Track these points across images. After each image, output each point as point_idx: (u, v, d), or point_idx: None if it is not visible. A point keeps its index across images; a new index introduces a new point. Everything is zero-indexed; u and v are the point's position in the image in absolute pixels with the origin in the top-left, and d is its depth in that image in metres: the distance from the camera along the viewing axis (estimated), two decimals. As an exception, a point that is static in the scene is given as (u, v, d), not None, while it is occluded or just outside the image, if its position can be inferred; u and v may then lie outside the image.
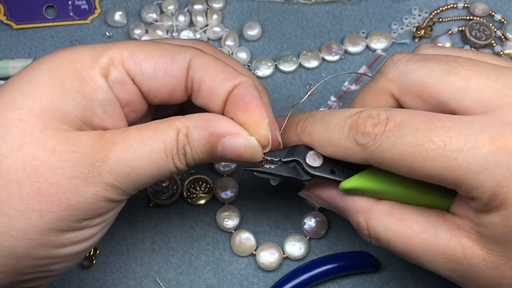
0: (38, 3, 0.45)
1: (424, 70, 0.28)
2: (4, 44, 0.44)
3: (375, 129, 0.27)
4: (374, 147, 0.27)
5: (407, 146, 0.26)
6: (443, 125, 0.25)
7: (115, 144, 0.27)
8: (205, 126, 0.28)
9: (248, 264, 0.39)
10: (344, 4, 0.46)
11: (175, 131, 0.27)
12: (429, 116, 0.26)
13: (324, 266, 0.37)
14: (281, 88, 0.43)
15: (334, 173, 0.30)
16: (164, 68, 0.28)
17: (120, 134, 0.27)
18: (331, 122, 0.29)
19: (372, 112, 0.27)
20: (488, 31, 0.44)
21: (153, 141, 0.27)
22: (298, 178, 0.30)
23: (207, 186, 0.40)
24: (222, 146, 0.28)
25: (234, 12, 0.45)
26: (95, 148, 0.26)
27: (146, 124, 0.28)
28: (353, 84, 0.43)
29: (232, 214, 0.39)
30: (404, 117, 0.26)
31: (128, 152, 0.27)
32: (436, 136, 0.25)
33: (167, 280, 0.38)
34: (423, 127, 0.26)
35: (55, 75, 0.27)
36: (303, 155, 0.30)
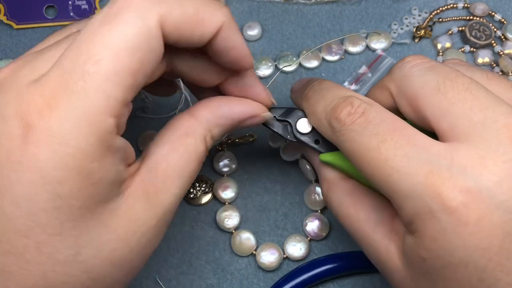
0: (38, 3, 0.45)
1: (421, 80, 0.28)
2: (4, 44, 0.44)
3: (347, 118, 0.28)
4: (339, 133, 0.28)
5: (360, 145, 0.27)
6: (397, 141, 0.26)
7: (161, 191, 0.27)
8: (226, 122, 0.30)
9: (248, 264, 0.39)
10: (344, 4, 0.46)
11: (203, 141, 0.29)
12: (395, 127, 0.27)
13: (324, 266, 0.37)
14: (281, 88, 0.43)
15: (318, 144, 0.33)
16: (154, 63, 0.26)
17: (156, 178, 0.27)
18: (324, 96, 0.31)
19: (354, 101, 0.28)
20: (488, 31, 0.44)
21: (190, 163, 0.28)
22: (284, 136, 0.33)
23: (207, 186, 0.40)
24: (240, 125, 0.31)
25: (234, 12, 0.45)
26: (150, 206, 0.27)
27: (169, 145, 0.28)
28: (353, 84, 0.43)
29: (232, 214, 0.39)
30: (375, 117, 0.27)
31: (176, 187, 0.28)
32: (385, 148, 0.26)
33: (167, 280, 0.38)
34: (381, 135, 0.27)
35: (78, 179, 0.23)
36: (296, 119, 0.33)
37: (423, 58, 0.29)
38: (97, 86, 0.23)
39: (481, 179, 0.24)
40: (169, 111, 0.41)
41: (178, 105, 0.42)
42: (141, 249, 0.27)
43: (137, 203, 0.26)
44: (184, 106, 0.42)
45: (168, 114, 0.41)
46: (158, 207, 0.27)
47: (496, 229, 0.24)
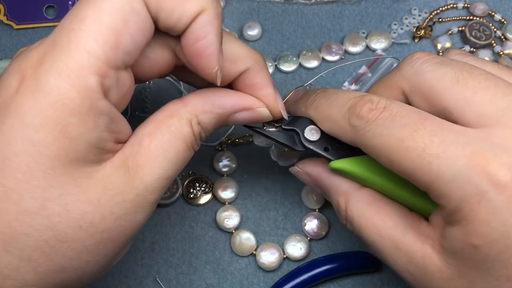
0: (38, 3, 0.45)
1: (436, 73, 0.28)
2: (4, 44, 0.44)
3: (369, 114, 0.27)
4: (363, 131, 0.27)
5: (392, 138, 0.26)
6: (431, 128, 0.26)
7: (142, 166, 0.27)
8: (213, 109, 0.29)
9: (248, 264, 0.39)
10: (344, 4, 0.46)
11: (189, 124, 0.28)
12: (423, 117, 0.26)
13: (324, 266, 0.37)
14: (281, 88, 0.43)
15: (328, 151, 0.31)
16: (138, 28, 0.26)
17: (139, 151, 0.27)
18: (336, 99, 0.30)
19: (373, 97, 0.28)
20: (488, 31, 0.44)
21: (174, 143, 0.28)
22: (293, 147, 0.32)
23: (207, 186, 0.40)
24: (233, 119, 0.30)
25: (234, 12, 0.45)
26: (128, 179, 0.27)
27: (154, 125, 0.28)
28: (353, 84, 0.43)
29: (232, 214, 0.39)
30: (400, 110, 0.27)
31: (159, 167, 0.27)
32: (420, 136, 0.25)
33: (167, 280, 0.38)
34: (412, 125, 0.26)
35: (54, 129, 0.24)
36: (303, 127, 0.31)
37: (431, 54, 0.29)
38: (79, 42, 0.24)
39: None
40: (169, 111, 0.41)
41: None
42: (115, 221, 0.26)
43: (115, 172, 0.26)
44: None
45: (168, 114, 0.41)
46: (137, 182, 0.27)
47: None
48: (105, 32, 0.25)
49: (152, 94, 0.42)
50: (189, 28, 0.26)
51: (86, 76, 0.24)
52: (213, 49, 0.27)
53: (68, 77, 0.24)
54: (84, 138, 0.25)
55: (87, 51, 0.24)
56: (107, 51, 0.25)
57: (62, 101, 0.24)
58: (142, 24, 0.26)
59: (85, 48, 0.24)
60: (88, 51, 0.24)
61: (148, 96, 0.42)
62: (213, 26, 0.26)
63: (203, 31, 0.26)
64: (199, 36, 0.26)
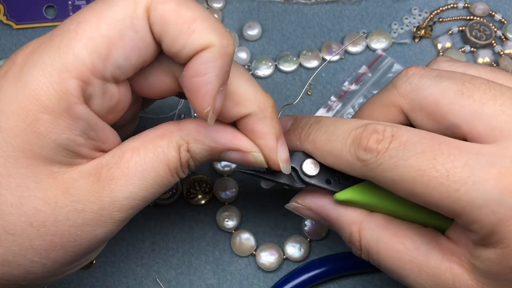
0: (38, 3, 0.45)
1: (438, 88, 0.27)
2: (4, 44, 0.44)
3: (379, 146, 0.25)
4: (375, 164, 0.26)
5: (410, 169, 0.25)
6: (449, 153, 0.24)
7: (115, 180, 0.26)
8: (205, 141, 0.27)
9: (248, 264, 0.39)
10: (344, 4, 0.46)
11: (177, 149, 0.27)
12: (437, 140, 0.25)
13: (324, 266, 0.37)
14: (281, 88, 0.43)
15: (330, 183, 0.29)
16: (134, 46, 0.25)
17: (117, 164, 0.26)
18: (335, 132, 0.28)
19: (378, 126, 0.26)
20: (488, 31, 0.44)
21: (157, 165, 0.26)
22: (292, 185, 0.30)
23: (207, 186, 0.40)
24: (226, 156, 0.28)
25: (234, 12, 0.45)
26: (96, 190, 0.26)
27: (141, 141, 0.27)
28: (353, 84, 0.43)
29: (232, 214, 0.39)
30: (410, 136, 0.25)
31: (134, 185, 0.26)
32: (441, 163, 0.24)
33: (167, 280, 0.38)
34: (429, 152, 0.24)
35: (24, 121, 0.24)
36: (300, 162, 0.29)
37: (425, 68, 0.28)
38: (70, 44, 0.24)
39: None
40: (169, 111, 0.41)
41: (178, 105, 0.42)
42: (70, 228, 0.25)
43: (83, 179, 0.26)
44: (183, 106, 0.42)
45: (168, 114, 0.41)
46: (105, 195, 0.26)
47: None
48: (98, 40, 0.24)
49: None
50: (191, 61, 0.25)
51: (67, 78, 0.24)
52: (208, 89, 0.25)
53: (49, 75, 0.24)
54: (53, 137, 0.24)
55: (74, 54, 0.24)
56: (95, 60, 0.24)
57: (38, 96, 0.24)
58: (139, 42, 0.25)
59: (73, 51, 0.24)
60: (75, 54, 0.24)
61: (148, 96, 0.42)
62: (215, 65, 0.24)
63: (203, 68, 0.24)
64: (198, 72, 0.25)
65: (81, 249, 0.26)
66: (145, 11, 0.24)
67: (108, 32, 0.24)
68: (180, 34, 0.24)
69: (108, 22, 0.24)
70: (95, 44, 0.24)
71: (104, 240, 0.27)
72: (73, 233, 0.26)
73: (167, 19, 0.24)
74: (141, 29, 0.25)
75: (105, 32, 0.24)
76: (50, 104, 0.24)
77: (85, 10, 0.25)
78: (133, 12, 0.24)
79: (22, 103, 0.24)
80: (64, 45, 0.24)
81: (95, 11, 0.25)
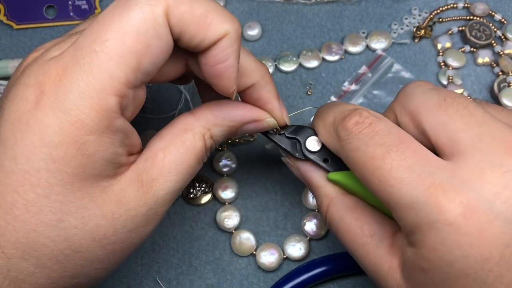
0: (38, 3, 0.45)
1: (423, 96, 0.28)
2: (4, 44, 0.44)
3: (354, 127, 0.28)
4: (345, 142, 0.28)
5: (365, 155, 0.27)
6: (402, 153, 0.26)
7: (155, 181, 0.28)
8: (224, 122, 0.30)
9: (248, 264, 0.39)
10: (344, 4, 0.46)
11: (202, 138, 0.29)
12: (401, 139, 0.27)
13: (324, 266, 0.37)
14: (281, 88, 0.43)
15: (327, 162, 0.32)
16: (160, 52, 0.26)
17: (152, 166, 0.28)
18: (335, 110, 0.31)
19: (364, 112, 0.28)
20: (488, 31, 0.44)
21: (187, 158, 0.28)
22: (293, 154, 0.33)
23: (207, 186, 0.40)
24: (242, 130, 0.31)
25: (234, 12, 0.45)
26: (142, 194, 0.27)
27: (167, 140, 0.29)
28: (353, 84, 0.43)
29: (232, 214, 0.39)
30: (383, 129, 0.27)
31: (171, 180, 0.28)
32: (390, 158, 0.26)
33: (167, 280, 0.38)
34: (387, 146, 0.27)
35: (73, 147, 0.25)
36: (305, 137, 0.33)
37: (428, 83, 0.30)
38: (101, 65, 0.25)
39: (481, 191, 0.25)
40: (169, 111, 0.42)
41: (178, 105, 0.42)
42: (127, 233, 0.27)
43: (130, 187, 0.27)
44: (184, 106, 0.42)
45: (168, 114, 0.41)
46: (150, 196, 0.28)
47: (496, 240, 0.24)
48: (128, 56, 0.25)
49: (152, 94, 0.42)
50: (211, 51, 0.27)
51: (106, 98, 0.25)
52: (232, 71, 0.27)
53: (88, 97, 0.25)
54: (101, 155, 0.26)
55: (109, 73, 0.25)
56: (128, 74, 0.25)
57: (81, 121, 0.25)
58: (164, 48, 0.26)
59: (107, 71, 0.25)
60: (110, 73, 0.25)
61: (148, 96, 0.42)
62: (233, 50, 0.27)
63: (224, 55, 0.27)
64: (220, 59, 0.27)
65: (134, 247, 0.29)
66: (165, 17, 0.25)
67: (136, 46, 0.25)
68: (199, 30, 0.26)
69: (133, 36, 0.25)
70: (125, 60, 0.25)
71: (151, 234, 0.29)
72: (130, 237, 0.28)
73: (185, 19, 0.26)
74: (164, 35, 0.26)
75: (134, 47, 0.25)
76: (94, 125, 0.25)
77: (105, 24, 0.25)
78: (155, 21, 0.25)
79: (68, 131, 0.25)
80: (96, 66, 0.25)
81: (115, 26, 0.25)
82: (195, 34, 0.26)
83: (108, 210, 0.27)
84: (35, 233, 0.25)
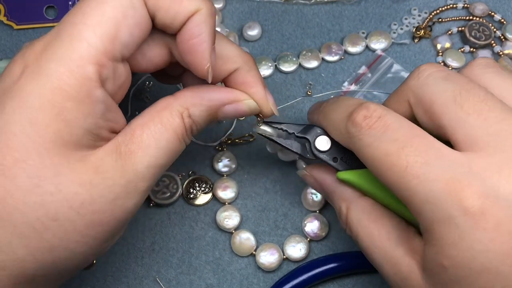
0: (38, 4, 0.45)
1: (437, 88, 0.28)
2: (4, 45, 0.44)
3: (363, 122, 0.28)
4: (357, 138, 0.28)
5: (379, 151, 0.27)
6: (417, 148, 0.26)
7: (134, 153, 0.28)
8: (203, 101, 0.30)
9: (248, 264, 0.39)
10: (344, 4, 0.46)
11: (179, 116, 0.29)
12: (414, 133, 0.27)
13: (324, 266, 0.38)
14: (281, 88, 0.43)
15: (336, 161, 0.32)
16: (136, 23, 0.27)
17: (131, 140, 0.28)
18: (341, 105, 0.31)
19: (370, 105, 0.29)
20: (488, 31, 0.44)
21: (166, 134, 0.29)
22: (303, 155, 0.33)
23: (207, 186, 0.40)
24: (222, 112, 0.31)
25: (234, 12, 0.45)
26: (120, 165, 0.28)
27: (147, 116, 0.29)
28: (352, 85, 0.43)
29: (232, 214, 0.39)
30: (393, 122, 0.28)
31: (151, 155, 0.28)
32: (405, 154, 0.26)
33: (167, 280, 0.38)
34: (401, 141, 0.27)
35: (51, 112, 0.26)
36: (314, 136, 0.33)
37: (438, 67, 0.30)
38: (80, 34, 0.26)
39: (499, 187, 0.25)
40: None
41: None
42: (105, 204, 0.27)
43: (108, 157, 0.27)
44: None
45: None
46: (129, 168, 0.28)
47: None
48: (105, 25, 0.26)
49: (152, 94, 0.42)
50: (185, 26, 0.28)
51: (85, 65, 0.26)
52: (205, 46, 0.28)
53: (68, 65, 0.26)
54: (80, 122, 0.26)
55: (87, 41, 0.26)
56: (106, 43, 0.26)
57: (60, 87, 0.26)
58: (139, 19, 0.27)
59: (86, 39, 0.26)
60: (88, 41, 0.26)
61: (148, 96, 0.42)
62: (207, 25, 0.28)
63: (197, 29, 0.28)
64: (193, 34, 0.28)
65: (116, 222, 0.28)
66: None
67: (113, 14, 0.26)
68: (172, 5, 0.27)
69: (112, 5, 0.26)
70: (103, 28, 0.26)
71: (133, 212, 0.29)
72: (108, 209, 0.27)
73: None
74: (138, 6, 0.27)
75: (111, 14, 0.26)
76: (73, 92, 0.26)
77: (84, 2, 0.27)
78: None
79: (47, 96, 0.26)
80: (75, 36, 0.26)
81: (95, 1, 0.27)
82: (168, 8, 0.27)
83: (85, 177, 0.27)
84: (12, 199, 0.25)
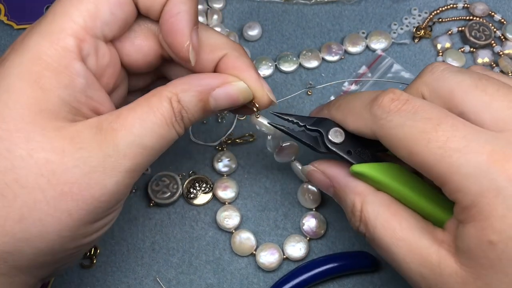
0: (38, 4, 0.45)
1: (455, 79, 0.29)
2: (4, 45, 0.44)
3: (391, 104, 0.28)
4: (385, 120, 0.28)
5: (414, 130, 0.27)
6: (452, 123, 0.27)
7: (116, 131, 0.27)
8: (191, 87, 0.30)
9: (248, 264, 0.39)
10: (344, 4, 0.46)
11: (168, 101, 0.29)
12: (444, 114, 0.27)
13: (324, 266, 0.38)
14: (281, 88, 0.43)
15: (350, 155, 0.32)
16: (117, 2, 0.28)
17: (116, 119, 0.28)
18: (358, 96, 0.31)
19: (396, 90, 0.29)
20: (488, 31, 0.44)
21: (152, 116, 0.28)
22: (316, 148, 0.32)
23: (207, 186, 0.40)
24: (214, 99, 0.30)
25: (234, 12, 0.45)
26: (99, 138, 0.27)
27: (135, 102, 0.29)
28: (353, 84, 0.43)
29: (232, 214, 0.39)
30: (422, 105, 0.28)
31: (134, 134, 0.28)
32: (443, 130, 0.26)
33: (167, 279, 0.38)
34: (435, 119, 0.27)
35: (29, 79, 0.26)
36: (327, 129, 0.32)
37: (449, 65, 0.30)
38: (62, 10, 0.28)
39: None
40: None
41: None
42: (80, 177, 0.26)
43: (87, 130, 0.27)
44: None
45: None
46: (109, 144, 0.27)
47: None
48: (87, 2, 0.28)
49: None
50: (165, 7, 0.29)
51: (65, 37, 0.27)
52: (184, 24, 0.29)
53: (48, 37, 0.27)
54: (57, 92, 0.27)
55: (68, 16, 0.27)
56: (86, 18, 0.27)
57: (40, 57, 0.27)
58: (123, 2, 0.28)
59: (67, 14, 0.27)
60: (69, 16, 0.27)
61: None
62: (185, 4, 0.29)
63: (175, 8, 0.29)
64: (172, 13, 0.29)
65: (94, 202, 0.27)
66: None
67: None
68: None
69: None
70: (84, 5, 0.27)
71: (115, 192, 0.28)
72: (83, 182, 0.26)
73: None
74: None
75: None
76: (52, 61, 0.27)
77: None
78: None
79: (26, 65, 0.27)
80: (58, 12, 0.28)
81: None
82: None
83: (59, 145, 0.26)
84: None
